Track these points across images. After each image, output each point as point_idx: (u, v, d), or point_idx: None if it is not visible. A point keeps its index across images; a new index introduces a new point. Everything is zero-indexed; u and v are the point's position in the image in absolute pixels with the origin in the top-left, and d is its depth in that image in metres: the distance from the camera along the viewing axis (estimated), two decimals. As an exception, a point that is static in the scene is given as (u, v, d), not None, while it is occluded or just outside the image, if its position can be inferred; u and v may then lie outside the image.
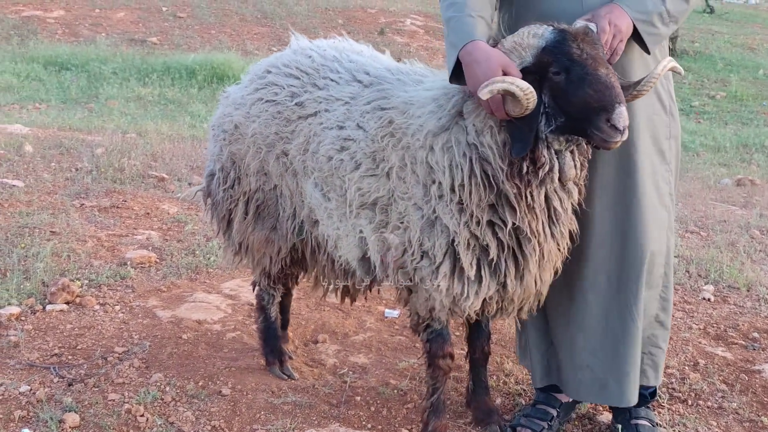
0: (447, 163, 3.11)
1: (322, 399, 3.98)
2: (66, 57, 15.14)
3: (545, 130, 2.97)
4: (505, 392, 4.13)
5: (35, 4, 19.35)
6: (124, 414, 3.72)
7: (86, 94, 13.44)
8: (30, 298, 4.78)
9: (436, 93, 3.23)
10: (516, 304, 3.35)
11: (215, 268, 5.41)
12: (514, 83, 2.83)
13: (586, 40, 2.93)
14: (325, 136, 3.52)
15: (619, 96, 2.82)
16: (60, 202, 6.55)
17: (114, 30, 18.16)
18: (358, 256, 3.50)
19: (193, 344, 4.42)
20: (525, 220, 3.09)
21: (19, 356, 4.20)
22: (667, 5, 3.20)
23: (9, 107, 12.23)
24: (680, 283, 5.61)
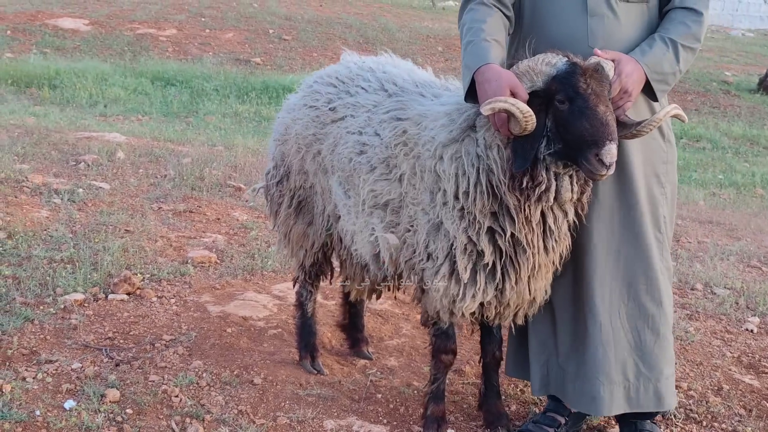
0: (453, 171, 3.36)
1: (345, 394, 4.23)
2: (172, 73, 15.82)
3: (544, 152, 3.20)
4: (522, 400, 4.30)
5: (150, 22, 20.25)
6: (160, 394, 4.04)
7: (187, 109, 14.04)
8: (95, 287, 5.18)
9: (449, 108, 3.49)
10: (512, 309, 3.56)
11: (270, 271, 5.73)
12: (516, 105, 3.07)
13: (594, 77, 3.15)
14: (348, 140, 3.84)
15: (612, 134, 3.03)
16: (140, 204, 6.99)
17: (221, 49, 18.86)
18: (371, 251, 3.78)
19: (235, 337, 4.73)
20: (522, 232, 3.32)
21: (76, 337, 4.58)
22: (681, 65, 3.44)
23: (114, 118, 12.89)
24: (726, 314, 5.65)
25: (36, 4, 21.06)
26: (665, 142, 3.63)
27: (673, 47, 3.39)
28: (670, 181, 3.66)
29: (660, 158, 3.60)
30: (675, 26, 3.44)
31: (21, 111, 12.35)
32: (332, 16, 23.36)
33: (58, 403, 3.91)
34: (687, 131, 14.88)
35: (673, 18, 3.48)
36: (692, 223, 8.36)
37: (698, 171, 12.56)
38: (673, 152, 3.67)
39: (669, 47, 3.39)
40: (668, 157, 3.64)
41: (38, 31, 18.66)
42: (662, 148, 3.61)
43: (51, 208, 6.61)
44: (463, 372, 4.55)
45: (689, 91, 18.28)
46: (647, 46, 3.40)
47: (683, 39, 3.41)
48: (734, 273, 6.53)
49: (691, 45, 3.44)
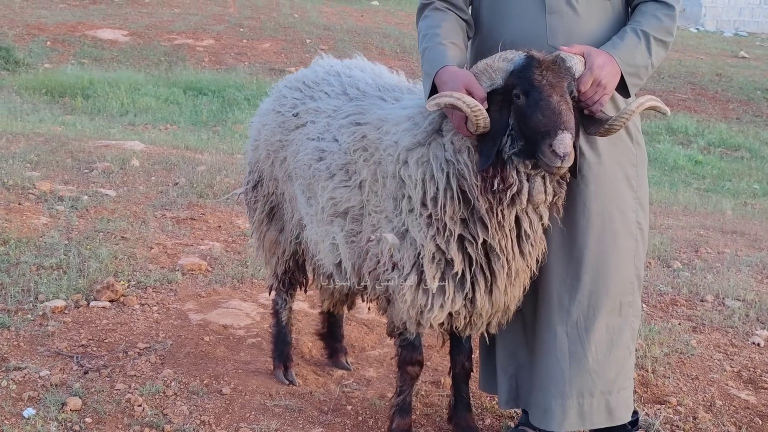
0: (420, 176, 3.22)
1: (315, 405, 4.10)
2: (205, 83, 15.90)
3: (509, 152, 3.05)
4: (498, 414, 4.13)
5: (188, 33, 20.41)
6: (123, 403, 3.96)
7: (216, 118, 14.08)
8: (78, 294, 5.12)
9: (411, 112, 3.35)
10: (484, 319, 3.40)
11: (260, 280, 5.62)
12: (461, 99, 2.93)
13: (551, 68, 3.00)
14: (308, 146, 3.72)
15: (565, 123, 2.87)
16: (142, 211, 6.94)
17: (257, 59, 18.94)
18: (333, 261, 3.66)
19: (212, 346, 4.63)
20: (495, 238, 3.16)
21: (50, 344, 4.52)
22: (653, 58, 3.26)
23: (142, 127, 12.96)
24: (733, 327, 5.42)
25: (78, 16, 21.38)
26: (633, 144, 3.44)
27: (645, 39, 3.22)
28: (641, 185, 3.47)
29: (629, 160, 3.42)
30: (647, 19, 3.27)
31: (50, 120, 12.49)
32: (371, 26, 23.37)
33: (18, 411, 3.84)
34: (725, 140, 14.56)
35: (645, 11, 3.32)
36: (715, 233, 8.10)
37: (733, 180, 12.26)
38: (642, 155, 3.48)
39: (641, 39, 3.22)
40: (637, 159, 3.45)
41: (77, 41, 18.92)
42: (630, 149, 3.43)
43: (52, 215, 6.59)
44: (440, 384, 4.39)
45: (731, 100, 17.92)
46: (618, 38, 3.24)
47: (655, 31, 3.24)
48: (749, 284, 6.28)
49: (663, 38, 3.27)
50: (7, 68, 16.38)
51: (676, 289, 6.06)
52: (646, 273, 6.34)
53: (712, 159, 13.49)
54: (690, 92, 18.36)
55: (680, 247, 7.26)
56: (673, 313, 5.61)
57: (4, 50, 17.03)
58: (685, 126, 15.12)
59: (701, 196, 10.67)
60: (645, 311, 5.57)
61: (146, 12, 22.84)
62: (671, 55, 22.06)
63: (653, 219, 8.44)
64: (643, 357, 4.74)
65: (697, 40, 26.13)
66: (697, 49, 24.32)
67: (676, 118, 15.68)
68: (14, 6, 22.17)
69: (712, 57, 22.87)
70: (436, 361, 4.64)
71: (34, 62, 17.14)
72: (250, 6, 25.41)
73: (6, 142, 9.00)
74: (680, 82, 19.08)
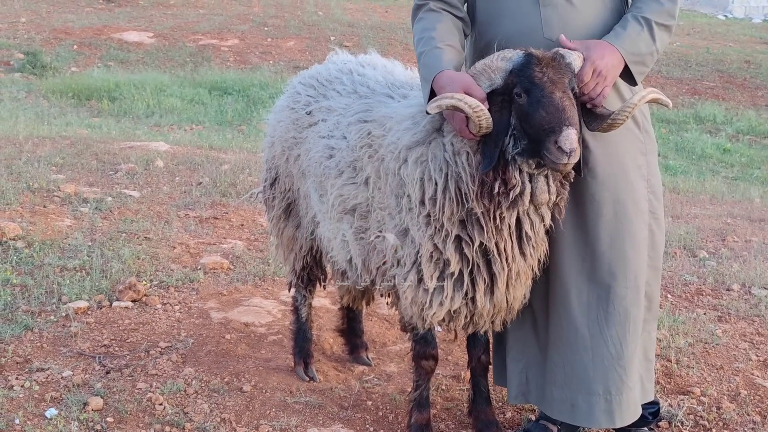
0: (419, 176, 3.21)
1: (335, 401, 4.10)
2: (230, 82, 15.98)
3: (512, 152, 3.02)
4: (518, 407, 4.10)
5: (213, 33, 20.51)
6: (144, 402, 3.98)
7: (241, 117, 14.14)
8: (100, 294, 5.15)
9: (414, 110, 3.34)
10: (486, 319, 3.39)
11: (281, 277, 5.63)
12: (462, 100, 2.92)
13: (551, 65, 2.97)
14: (318, 143, 3.72)
15: (569, 119, 2.84)
16: (166, 211, 6.97)
17: (282, 58, 19.00)
18: (344, 257, 3.66)
19: (233, 344, 4.65)
20: (492, 240, 3.15)
21: (72, 345, 4.55)
22: (657, 44, 3.23)
23: (168, 127, 13.04)
24: (759, 315, 5.35)
25: (103, 19, 21.55)
26: (641, 132, 3.39)
27: (647, 26, 3.19)
28: (653, 173, 3.43)
29: (638, 149, 3.37)
30: (647, 4, 3.23)
31: (77, 123, 12.60)
32: (396, 22, 23.33)
33: (40, 412, 3.87)
34: (754, 127, 14.41)
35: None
36: (742, 221, 8.01)
37: (761, 168, 12.13)
38: (651, 143, 3.44)
39: (643, 26, 3.18)
40: (646, 147, 3.40)
41: (104, 44, 19.07)
42: (639, 138, 3.38)
43: (76, 216, 6.63)
44: (460, 378, 4.38)
45: (760, 87, 17.73)
46: (620, 27, 3.20)
47: (657, 16, 3.20)
48: (780, 272, 6.19)
49: (666, 22, 3.23)
50: (35, 72, 16.55)
51: (702, 278, 6.00)
52: (672, 263, 6.28)
53: (741, 147, 13.35)
54: (718, 80, 18.18)
55: (707, 236, 7.18)
56: (698, 303, 5.55)
57: (31, 55, 17.22)
58: (713, 114, 14.98)
59: (729, 184, 10.56)
60: (670, 301, 5.52)
61: (171, 13, 22.98)
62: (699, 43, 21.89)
63: (680, 208, 8.37)
64: (667, 347, 4.70)
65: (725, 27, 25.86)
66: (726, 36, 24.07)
67: (704, 106, 15.55)
68: (41, 11, 22.39)
69: (741, 44, 22.62)
70: (456, 355, 4.62)
71: (61, 66, 17.30)
72: (274, 5, 25.48)
73: (32, 146, 9.08)
74: (708, 69, 18.90)
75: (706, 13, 28.77)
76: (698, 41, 22.44)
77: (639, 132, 3.38)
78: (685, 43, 21.55)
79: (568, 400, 3.44)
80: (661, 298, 5.45)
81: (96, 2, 24.29)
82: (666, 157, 12.39)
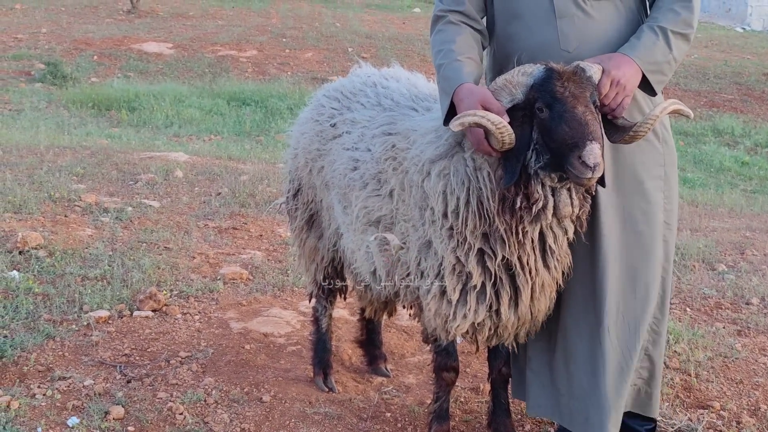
0: (441, 189, 3.23)
1: (354, 412, 4.12)
2: (249, 93, 16.04)
3: (534, 166, 3.03)
4: (537, 420, 4.11)
5: (231, 44, 20.60)
6: (165, 411, 4.01)
7: (260, 128, 14.20)
8: (121, 304, 5.19)
9: (437, 123, 3.36)
10: (510, 331, 3.39)
11: (301, 288, 5.66)
12: (485, 116, 2.93)
13: (572, 79, 2.98)
14: (343, 156, 3.74)
15: (592, 134, 2.85)
16: (186, 221, 7.02)
17: (300, 69, 19.06)
18: (368, 269, 3.68)
19: (253, 354, 4.67)
20: (515, 255, 3.16)
21: (94, 354, 4.59)
22: (674, 53, 3.23)
23: (187, 138, 13.12)
24: (780, 328, 5.34)
25: (123, 30, 21.68)
26: (661, 143, 3.40)
27: (663, 35, 3.19)
28: (671, 185, 3.43)
29: (657, 161, 3.38)
30: (663, 14, 3.24)
31: (97, 133, 12.68)
32: (413, 33, 23.36)
33: (62, 420, 3.91)
34: (772, 139, 14.35)
35: (661, 6, 3.29)
36: (762, 234, 7.98)
37: (782, 180, 12.07)
38: (671, 154, 3.44)
39: (659, 35, 3.19)
40: (665, 159, 3.41)
41: (123, 55, 19.19)
42: (657, 149, 3.39)
43: (97, 226, 6.68)
44: (479, 390, 4.39)
45: (775, 97, 17.64)
46: (635, 38, 3.21)
47: (673, 25, 3.20)
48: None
49: (683, 31, 3.23)
50: (56, 83, 16.66)
51: (721, 292, 5.98)
52: (690, 276, 6.27)
53: (759, 160, 13.31)
54: (736, 92, 18.12)
55: (725, 250, 7.16)
56: (717, 317, 5.54)
57: (52, 65, 17.34)
58: (732, 127, 14.93)
59: (747, 197, 10.52)
60: (689, 315, 5.51)
61: (190, 25, 23.09)
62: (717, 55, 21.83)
63: (698, 221, 8.35)
64: (686, 361, 4.69)
65: (743, 39, 25.79)
66: (744, 48, 24.00)
67: (722, 119, 15.50)
68: (62, 22, 22.56)
69: (759, 56, 22.54)
70: (475, 368, 4.64)
71: (81, 76, 17.41)
72: (292, 16, 25.58)
73: (53, 156, 9.15)
74: (726, 82, 18.84)
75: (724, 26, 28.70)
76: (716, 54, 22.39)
77: (658, 143, 3.39)
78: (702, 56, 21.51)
79: (582, 413, 3.44)
80: (679, 311, 5.47)
81: (116, 13, 24.46)
82: (684, 169, 12.36)
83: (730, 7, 29.68)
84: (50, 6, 24.62)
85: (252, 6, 27.14)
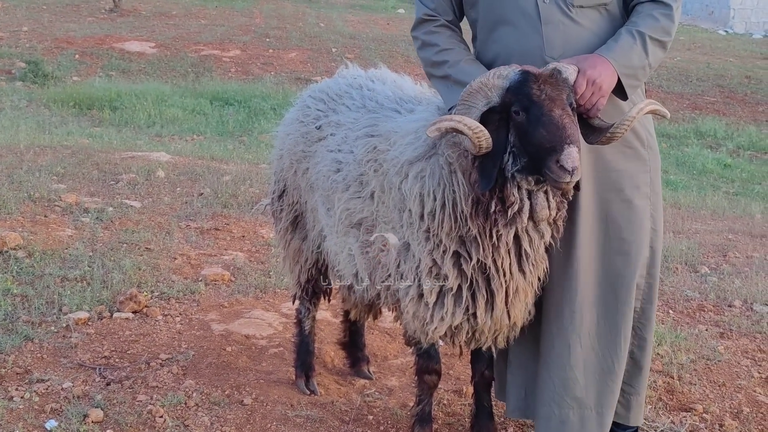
0: (418, 191, 3.21)
1: (336, 415, 4.09)
2: (232, 93, 15.94)
3: (511, 170, 3.01)
4: (520, 422, 4.09)
5: (215, 44, 20.49)
6: (144, 414, 3.97)
7: (242, 128, 14.11)
8: (101, 305, 5.14)
9: (417, 125, 3.35)
10: (488, 335, 3.38)
11: (283, 289, 5.62)
12: (462, 121, 2.91)
13: (548, 82, 2.97)
14: (327, 158, 3.72)
15: (570, 137, 2.83)
16: (167, 222, 6.96)
17: (283, 69, 18.98)
18: (351, 272, 3.65)
19: (234, 356, 4.63)
20: (489, 258, 3.14)
21: (73, 356, 4.54)
22: (650, 58, 3.20)
23: (169, 138, 13.01)
24: (762, 332, 5.36)
25: (105, 29, 21.51)
26: (646, 149, 3.38)
27: (641, 39, 3.17)
28: (655, 191, 3.42)
29: (641, 168, 3.36)
30: (642, 19, 3.22)
31: (78, 132, 12.56)
32: (397, 34, 23.29)
33: (40, 423, 3.87)
34: (755, 143, 14.38)
35: (641, 11, 3.27)
36: (744, 237, 7.99)
37: (762, 184, 12.10)
38: (655, 159, 3.43)
39: (636, 39, 3.17)
40: (651, 165, 3.39)
41: (105, 54, 19.03)
42: (643, 156, 3.37)
43: (77, 226, 6.62)
44: (462, 393, 4.36)
45: (761, 102, 17.69)
46: (613, 41, 3.19)
47: (651, 31, 3.18)
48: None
49: (661, 38, 3.21)
50: (37, 81, 16.50)
51: (704, 294, 5.99)
52: (673, 278, 6.27)
53: (741, 162, 13.33)
54: (719, 95, 18.16)
55: (708, 252, 7.17)
56: (700, 319, 5.54)
57: (33, 64, 17.18)
58: (714, 129, 14.96)
59: (730, 199, 10.54)
60: (672, 317, 5.51)
61: (173, 24, 22.95)
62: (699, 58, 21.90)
63: (680, 223, 8.36)
64: (669, 364, 4.69)
65: (725, 42, 25.86)
66: (726, 51, 24.07)
67: (705, 121, 15.53)
68: (43, 20, 22.38)
69: (741, 59, 22.61)
70: (458, 370, 4.61)
71: (63, 75, 17.25)
72: (276, 16, 25.48)
73: (33, 155, 9.06)
74: (709, 84, 18.88)
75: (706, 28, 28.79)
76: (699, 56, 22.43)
77: (643, 149, 3.37)
78: (685, 58, 21.55)
79: (557, 417, 3.43)
80: (662, 313, 5.46)
81: (98, 12, 24.28)
82: (667, 171, 12.36)
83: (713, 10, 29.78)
84: (32, 4, 24.38)
85: (235, 5, 26.99)
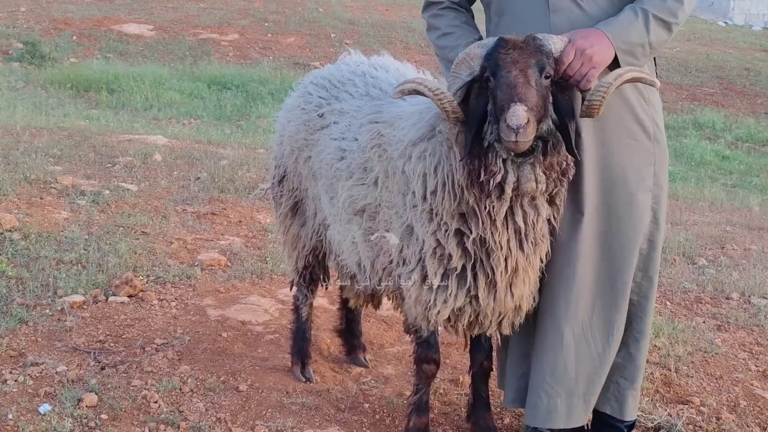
0: (421, 171, 3.20)
1: (332, 403, 4.07)
2: (230, 77, 15.88)
3: (489, 138, 2.99)
4: (517, 413, 4.07)
5: (213, 27, 20.40)
6: (139, 399, 3.95)
7: (240, 112, 14.06)
8: (97, 289, 5.11)
9: (420, 107, 3.33)
10: (492, 318, 3.35)
11: (280, 275, 5.59)
12: (423, 83, 2.96)
13: (519, 47, 2.95)
14: (330, 146, 3.70)
15: (519, 95, 2.81)
16: (164, 206, 6.92)
17: (282, 54, 18.90)
18: (354, 260, 3.63)
19: (230, 342, 4.61)
20: (488, 231, 3.11)
21: (67, 340, 4.51)
22: (651, 37, 3.14)
23: (166, 121, 12.97)
24: (759, 325, 5.34)
25: (104, 10, 21.39)
26: (652, 141, 3.33)
27: (643, 16, 3.10)
28: (660, 185, 3.38)
29: (646, 161, 3.32)
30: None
31: (75, 114, 12.50)
32: (396, 20, 23.23)
33: (34, 407, 3.83)
34: (753, 135, 14.37)
35: None
36: (741, 229, 7.98)
37: (760, 176, 12.09)
38: (662, 153, 3.37)
39: (638, 16, 3.11)
40: (655, 158, 3.35)
41: (103, 36, 18.94)
42: (648, 149, 3.32)
43: (73, 209, 6.58)
44: (459, 382, 4.34)
45: (760, 94, 17.67)
46: (615, 17, 3.15)
47: (656, 10, 3.11)
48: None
49: (665, 18, 3.13)
50: (34, 63, 16.42)
51: (701, 286, 5.97)
52: (671, 270, 6.25)
53: (740, 154, 13.32)
54: (717, 86, 18.13)
55: (705, 244, 7.16)
56: (697, 311, 5.53)
57: (30, 45, 17.09)
58: (712, 121, 14.94)
59: (728, 191, 10.53)
60: (669, 309, 5.50)
61: (172, 6, 22.81)
62: (699, 49, 21.84)
63: (678, 215, 8.34)
64: (666, 356, 4.68)
65: (725, 33, 25.78)
66: (726, 43, 24.00)
67: (703, 112, 15.51)
68: (41, 1, 22.25)
69: (741, 51, 22.56)
70: (455, 359, 4.59)
71: (60, 57, 17.17)
72: (275, 0, 25.37)
73: (30, 137, 9.00)
74: (708, 76, 18.84)
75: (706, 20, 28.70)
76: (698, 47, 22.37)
77: (649, 142, 3.32)
78: (684, 49, 21.49)
79: (545, 405, 3.42)
80: (660, 305, 5.44)
81: (96, -7, 24.18)
82: (664, 162, 12.35)
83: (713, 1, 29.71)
84: (30, -16, 24.31)
85: (234, -11, 26.91)
